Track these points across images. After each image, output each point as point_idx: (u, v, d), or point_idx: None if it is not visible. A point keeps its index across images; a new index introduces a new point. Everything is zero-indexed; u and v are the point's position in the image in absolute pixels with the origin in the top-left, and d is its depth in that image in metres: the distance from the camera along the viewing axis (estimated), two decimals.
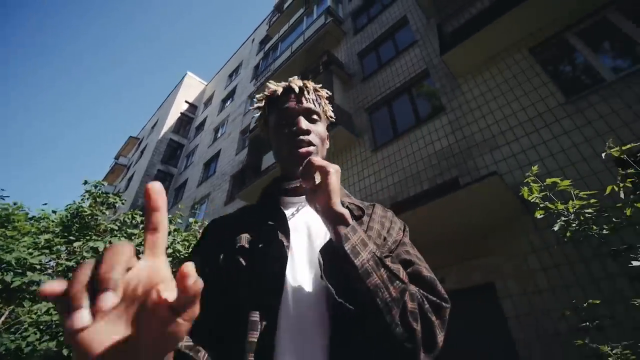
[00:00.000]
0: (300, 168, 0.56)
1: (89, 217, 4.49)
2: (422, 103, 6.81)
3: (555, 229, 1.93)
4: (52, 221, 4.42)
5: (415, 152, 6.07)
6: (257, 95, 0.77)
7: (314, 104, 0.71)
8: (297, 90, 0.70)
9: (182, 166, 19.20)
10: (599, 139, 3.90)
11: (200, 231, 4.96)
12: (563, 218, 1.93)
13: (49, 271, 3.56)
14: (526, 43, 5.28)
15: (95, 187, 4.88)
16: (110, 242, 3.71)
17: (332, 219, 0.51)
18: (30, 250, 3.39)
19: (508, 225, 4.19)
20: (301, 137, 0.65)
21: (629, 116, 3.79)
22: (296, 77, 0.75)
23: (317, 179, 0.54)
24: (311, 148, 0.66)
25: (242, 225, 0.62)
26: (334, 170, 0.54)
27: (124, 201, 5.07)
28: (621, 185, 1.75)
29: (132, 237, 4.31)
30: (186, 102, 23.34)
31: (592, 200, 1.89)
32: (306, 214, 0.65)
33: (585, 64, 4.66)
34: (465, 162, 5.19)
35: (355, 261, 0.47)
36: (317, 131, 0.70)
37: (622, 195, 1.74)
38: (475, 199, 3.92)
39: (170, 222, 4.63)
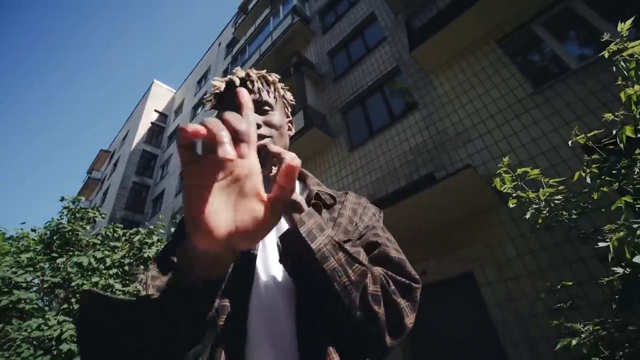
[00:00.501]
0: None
1: (70, 233, 4.54)
2: (396, 100, 6.76)
3: (527, 216, 2.00)
4: (33, 239, 4.48)
5: (391, 149, 6.02)
6: (206, 97, 0.73)
7: (260, 94, 0.67)
8: (238, 83, 0.67)
9: (158, 177, 18.52)
10: (566, 127, 3.96)
11: None
12: (534, 206, 2.01)
13: (34, 288, 3.64)
14: (493, 35, 5.30)
15: (73, 202, 4.87)
16: (94, 257, 3.80)
17: (288, 206, 0.51)
18: (14, 269, 3.47)
19: (485, 216, 4.28)
20: None
21: (594, 103, 3.86)
22: (239, 67, 0.71)
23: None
24: (265, 141, 0.62)
25: None
26: (290, 157, 0.45)
27: (103, 215, 5.12)
28: (587, 170, 1.80)
29: (115, 250, 4.39)
30: (156, 111, 22.35)
31: (561, 187, 1.98)
32: None
33: (552, 54, 4.72)
34: (440, 157, 5.18)
35: (312, 245, 0.47)
36: (270, 121, 0.66)
37: (588, 180, 1.81)
38: (451, 192, 3.96)
39: (152, 233, 4.74)
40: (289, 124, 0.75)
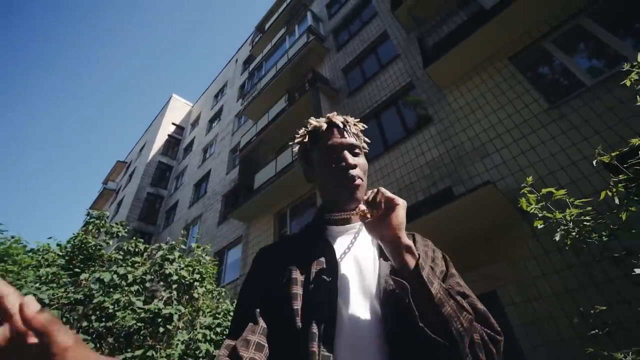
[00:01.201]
0: (369, 195, 0.61)
1: (93, 248, 4.42)
2: (410, 115, 6.89)
3: (557, 238, 1.95)
4: (58, 254, 4.33)
5: (407, 163, 6.09)
6: (300, 131, 0.80)
7: (355, 138, 0.74)
8: (340, 125, 0.74)
9: (172, 188, 18.87)
10: (585, 142, 3.98)
11: (203, 255, 4.84)
12: (562, 227, 1.96)
13: (56, 305, 3.48)
14: (505, 52, 5.44)
15: (99, 218, 4.80)
16: (116, 273, 3.68)
17: (401, 249, 0.54)
18: (37, 285, 3.35)
19: (505, 232, 4.19)
20: (351, 171, 0.68)
21: (612, 119, 3.89)
22: (335, 113, 0.79)
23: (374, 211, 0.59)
24: (359, 182, 0.68)
25: (291, 256, 0.65)
26: (402, 203, 0.58)
27: (127, 229, 4.96)
28: (614, 190, 1.78)
29: (135, 265, 4.24)
30: (173, 124, 23.15)
31: (588, 208, 1.94)
32: (355, 246, 0.67)
33: (564, 70, 4.81)
34: (457, 171, 5.23)
35: (432, 289, 0.49)
36: (361, 164, 0.72)
37: (616, 201, 1.79)
38: (470, 208, 3.94)
39: (174, 248, 4.56)
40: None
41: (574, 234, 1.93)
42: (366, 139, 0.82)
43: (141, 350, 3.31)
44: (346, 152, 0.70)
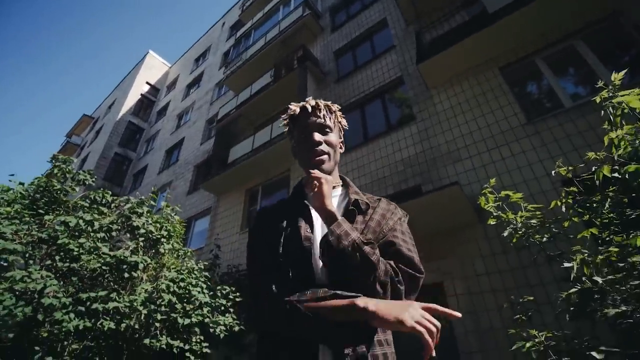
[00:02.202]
0: (306, 179, 0.80)
1: (58, 192, 4.49)
2: (394, 110, 6.87)
3: (505, 234, 2.23)
4: (20, 193, 4.34)
5: (383, 157, 6.13)
6: (283, 116, 0.95)
7: (324, 119, 0.88)
8: (309, 109, 0.88)
9: (142, 151, 17.96)
10: (550, 160, 4.18)
11: (172, 214, 5.06)
12: (512, 226, 2.23)
13: (18, 241, 3.55)
14: (497, 61, 5.48)
15: (64, 162, 4.80)
16: (82, 218, 3.79)
17: (324, 216, 0.73)
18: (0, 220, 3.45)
19: (462, 231, 4.50)
20: (316, 148, 0.84)
21: (579, 141, 4.09)
22: (311, 97, 0.94)
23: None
24: (324, 157, 0.85)
25: (282, 216, 0.82)
26: (325, 180, 0.76)
27: (95, 178, 5.01)
28: (563, 200, 2.02)
29: (102, 215, 4.43)
30: (147, 83, 21.55)
31: (537, 213, 2.20)
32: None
33: (549, 89, 4.94)
34: (429, 171, 5.34)
35: (337, 248, 0.66)
36: (329, 141, 0.87)
37: (563, 209, 2.03)
38: (435, 205, 4.21)
39: (143, 203, 4.76)
40: (341, 144, 0.95)
41: (520, 233, 2.21)
42: (343, 121, 0.97)
43: (105, 292, 3.50)
44: (315, 133, 0.85)
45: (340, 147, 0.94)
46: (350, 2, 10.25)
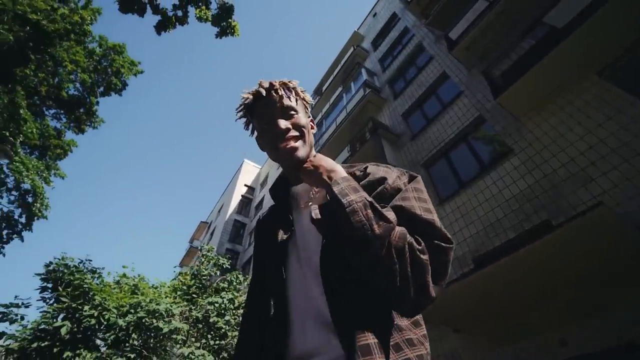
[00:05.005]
0: (302, 175, 0.68)
1: (206, 277, 5.60)
2: (484, 149, 6.50)
3: None
4: (181, 282, 5.66)
5: (489, 199, 5.57)
6: (236, 107, 0.79)
7: (285, 100, 0.74)
8: (264, 93, 0.73)
9: (246, 243, 20.20)
10: None
11: None
12: None
13: (183, 319, 4.46)
14: (591, 68, 4.96)
15: (209, 251, 6.26)
16: (225, 298, 4.62)
17: (325, 181, 0.61)
18: (169, 305, 4.29)
19: (636, 267, 3.43)
20: (285, 135, 0.71)
21: None
22: (263, 80, 0.78)
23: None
24: (297, 143, 0.71)
25: (271, 226, 0.79)
26: (314, 157, 0.69)
27: (230, 262, 6.32)
28: None
29: (239, 293, 5.30)
30: (245, 185, 25.72)
31: None
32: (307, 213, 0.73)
33: None
34: (555, 202, 4.57)
35: (343, 200, 0.53)
36: (297, 123, 0.73)
37: None
38: (579, 239, 3.33)
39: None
40: (311, 123, 0.81)
41: None
42: (307, 97, 0.81)
43: None
44: (278, 120, 0.71)
45: (312, 127, 0.81)
46: (404, 70, 11.11)
